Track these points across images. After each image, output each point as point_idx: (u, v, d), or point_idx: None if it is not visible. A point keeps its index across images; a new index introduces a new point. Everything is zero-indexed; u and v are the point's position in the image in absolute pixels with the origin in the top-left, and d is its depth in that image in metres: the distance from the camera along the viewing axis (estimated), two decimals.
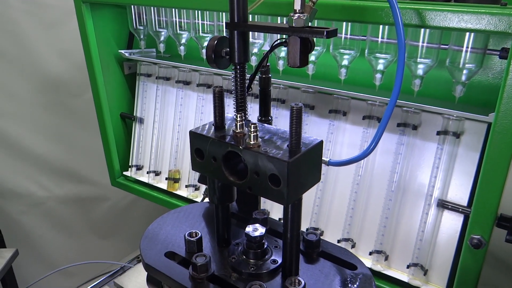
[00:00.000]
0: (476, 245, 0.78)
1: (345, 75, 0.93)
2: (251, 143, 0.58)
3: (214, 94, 0.64)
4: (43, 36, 1.70)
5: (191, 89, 1.22)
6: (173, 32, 1.16)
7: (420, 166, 0.90)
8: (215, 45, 0.68)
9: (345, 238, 0.99)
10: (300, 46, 0.62)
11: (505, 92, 0.68)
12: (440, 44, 0.81)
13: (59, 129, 1.88)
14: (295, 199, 0.60)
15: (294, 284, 0.63)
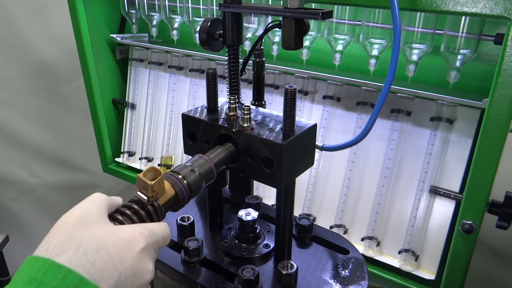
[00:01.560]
0: (468, 230, 0.78)
1: (339, 60, 0.92)
2: (244, 125, 0.58)
3: (207, 76, 0.63)
4: (33, 21, 1.67)
5: (184, 75, 1.21)
6: (165, 16, 1.14)
7: (413, 152, 0.90)
8: (208, 27, 0.67)
9: (338, 224, 0.99)
10: (294, 27, 0.61)
11: (499, 77, 0.67)
12: (435, 29, 0.81)
13: (50, 115, 1.85)
14: (288, 182, 0.59)
15: (286, 268, 0.63)
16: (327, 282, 0.65)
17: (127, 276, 0.42)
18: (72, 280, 0.37)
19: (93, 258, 0.41)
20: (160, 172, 0.49)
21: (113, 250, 0.42)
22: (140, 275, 0.44)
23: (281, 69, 1.01)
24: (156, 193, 0.48)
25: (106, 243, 0.42)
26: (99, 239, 0.42)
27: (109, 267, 0.41)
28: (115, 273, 0.41)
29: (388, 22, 0.84)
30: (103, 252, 0.42)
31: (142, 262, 0.44)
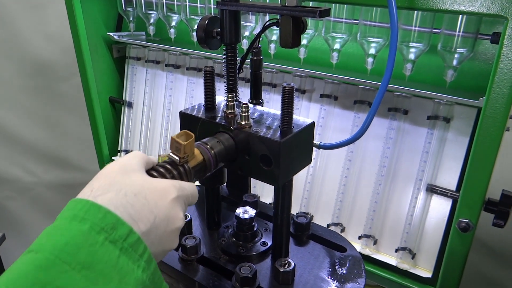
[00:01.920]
0: (464, 228, 0.78)
1: (337, 59, 0.92)
2: (242, 123, 0.58)
3: (205, 74, 0.63)
4: (29, 18, 1.66)
5: (181, 73, 1.21)
6: (163, 14, 1.14)
7: (410, 150, 0.90)
8: (206, 25, 0.67)
9: (335, 222, 0.99)
10: (292, 26, 0.61)
11: (496, 76, 0.68)
12: (432, 28, 0.81)
13: (47, 114, 1.85)
14: (286, 180, 0.59)
15: (284, 266, 0.63)
16: (325, 279, 0.65)
17: (161, 220, 0.46)
18: (110, 220, 0.41)
19: (132, 200, 0.44)
20: (192, 135, 0.52)
21: (149, 195, 0.46)
22: (172, 221, 0.47)
23: (278, 67, 1.01)
24: (187, 155, 0.52)
25: (144, 188, 0.46)
26: (138, 185, 0.46)
27: (146, 209, 0.45)
28: (151, 215, 0.45)
29: (386, 21, 0.84)
30: (141, 196, 0.45)
31: (174, 210, 0.48)
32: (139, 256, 0.41)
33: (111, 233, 0.40)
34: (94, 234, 0.39)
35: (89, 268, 0.38)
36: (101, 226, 0.40)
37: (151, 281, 0.43)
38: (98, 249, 0.39)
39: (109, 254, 0.39)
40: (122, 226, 0.41)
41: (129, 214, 0.43)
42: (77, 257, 0.38)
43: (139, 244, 0.42)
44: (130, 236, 0.41)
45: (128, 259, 0.40)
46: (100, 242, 0.39)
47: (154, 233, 0.45)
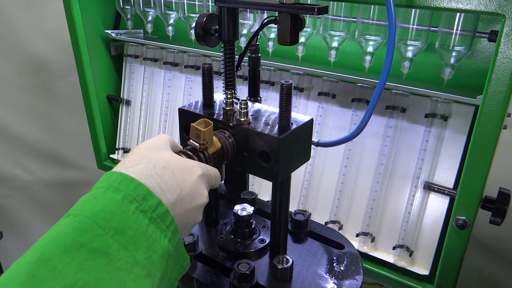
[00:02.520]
0: (461, 226, 0.79)
1: (335, 57, 0.93)
2: (241, 120, 0.58)
3: (203, 71, 0.63)
4: (26, 16, 1.65)
5: (179, 71, 1.21)
6: (161, 12, 1.14)
7: (408, 148, 0.91)
8: (204, 22, 0.67)
9: (333, 220, 1.00)
10: (290, 23, 0.61)
11: (493, 74, 0.68)
12: (430, 26, 0.81)
13: (44, 112, 1.84)
14: (284, 176, 0.60)
15: (282, 262, 0.63)
16: (323, 276, 0.65)
17: (186, 194, 0.48)
18: (141, 191, 0.43)
19: (161, 172, 0.47)
20: (210, 122, 0.55)
21: (177, 170, 0.49)
22: (197, 196, 0.50)
23: (276, 65, 1.01)
24: (206, 142, 0.55)
25: (172, 163, 0.49)
26: (166, 159, 0.49)
27: (173, 182, 0.48)
28: (177, 188, 0.47)
29: (384, 19, 0.84)
30: (169, 169, 0.48)
31: (199, 186, 0.50)
32: (167, 226, 0.44)
33: (142, 203, 0.43)
34: (127, 203, 0.42)
35: (121, 233, 0.40)
36: (133, 196, 0.43)
37: (176, 251, 0.45)
38: (129, 217, 0.42)
39: (140, 222, 0.42)
40: (152, 197, 0.44)
41: (158, 185, 0.46)
42: (110, 222, 0.41)
43: (167, 215, 0.44)
44: (159, 208, 0.44)
45: (156, 228, 0.43)
46: (131, 211, 0.42)
47: (180, 205, 0.47)
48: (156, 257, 0.42)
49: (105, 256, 0.39)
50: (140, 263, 0.40)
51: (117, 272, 0.39)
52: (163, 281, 0.43)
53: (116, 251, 0.39)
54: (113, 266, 0.39)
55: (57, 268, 0.37)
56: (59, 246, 0.38)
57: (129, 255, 0.40)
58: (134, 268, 0.40)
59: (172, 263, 0.45)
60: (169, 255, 0.44)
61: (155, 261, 0.41)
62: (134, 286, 0.39)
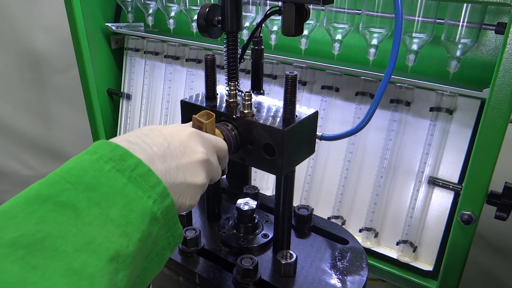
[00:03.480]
0: (467, 221, 0.78)
1: (338, 50, 0.91)
2: (245, 112, 0.57)
3: (206, 62, 0.62)
4: (26, 10, 1.64)
5: (180, 64, 1.19)
6: (162, 5, 1.13)
7: (412, 142, 0.90)
8: (206, 13, 0.66)
9: (335, 215, 0.99)
10: (295, 13, 0.59)
11: (501, 66, 0.67)
12: (436, 18, 0.80)
13: (44, 107, 1.83)
14: (289, 169, 0.58)
15: (285, 258, 0.62)
16: (326, 272, 0.64)
17: (175, 147, 0.46)
18: (118, 151, 0.41)
19: (146, 132, 0.47)
20: (212, 114, 0.54)
21: (164, 129, 0.48)
22: (190, 151, 0.47)
23: (279, 58, 1.00)
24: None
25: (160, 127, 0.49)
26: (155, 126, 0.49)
27: (160, 138, 0.46)
28: (164, 142, 0.46)
29: (388, 11, 0.83)
30: (156, 130, 0.48)
31: (191, 141, 0.48)
32: (150, 187, 0.41)
33: (119, 162, 0.40)
34: (102, 163, 0.40)
35: (93, 190, 0.38)
36: (109, 157, 0.41)
37: (164, 216, 0.42)
38: (104, 175, 0.39)
39: (115, 180, 0.39)
40: (130, 157, 0.41)
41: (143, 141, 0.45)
42: (81, 178, 0.38)
43: (150, 175, 0.41)
44: (139, 167, 0.41)
45: (136, 188, 0.40)
46: (106, 169, 0.40)
47: (170, 158, 0.45)
48: (134, 216, 0.39)
49: (73, 210, 0.36)
50: (114, 221, 0.37)
51: (85, 226, 0.36)
52: (145, 244, 0.40)
53: (85, 206, 0.37)
54: (81, 220, 0.36)
55: (18, 217, 0.35)
56: (23, 198, 0.37)
57: (101, 211, 0.37)
58: (107, 225, 0.37)
59: (158, 228, 0.41)
60: (154, 217, 0.41)
61: (132, 220, 0.38)
62: (105, 242, 0.36)
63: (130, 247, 0.37)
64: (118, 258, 0.36)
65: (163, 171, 0.44)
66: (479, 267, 1.27)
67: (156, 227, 0.41)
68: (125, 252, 0.37)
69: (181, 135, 0.48)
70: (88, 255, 0.35)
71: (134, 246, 0.38)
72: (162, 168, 0.44)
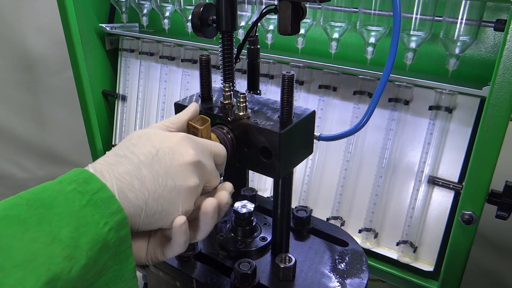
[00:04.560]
0: (468, 221, 0.77)
1: (335, 48, 0.90)
2: (240, 114, 0.55)
3: (201, 63, 0.61)
4: (19, 11, 1.62)
5: (175, 65, 1.18)
6: (156, 5, 1.11)
7: (411, 142, 0.88)
8: (201, 12, 0.64)
9: (334, 216, 0.97)
10: (291, 11, 0.58)
11: (501, 63, 0.66)
12: (434, 15, 0.79)
13: (39, 109, 1.82)
14: (287, 172, 0.57)
15: (284, 261, 0.61)
16: (326, 275, 0.63)
17: (165, 154, 0.45)
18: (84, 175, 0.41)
19: (135, 141, 0.46)
20: (208, 119, 0.53)
21: (154, 136, 0.47)
22: (179, 154, 0.46)
23: (276, 58, 0.99)
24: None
25: (151, 133, 0.48)
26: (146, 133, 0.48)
27: (148, 146, 0.45)
28: (153, 149, 0.45)
29: (386, 9, 0.82)
30: (145, 137, 0.47)
31: (181, 145, 0.47)
32: (110, 214, 0.39)
33: (81, 184, 0.40)
34: (64, 184, 0.40)
35: (47, 207, 0.37)
36: (74, 179, 0.40)
37: (117, 247, 0.40)
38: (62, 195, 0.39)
39: (74, 201, 0.38)
40: (95, 181, 0.40)
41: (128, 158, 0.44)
42: (38, 196, 0.38)
43: (113, 202, 0.40)
44: (102, 191, 0.40)
45: (94, 211, 0.39)
46: (67, 190, 0.39)
47: (158, 165, 0.44)
48: (85, 242, 0.37)
49: (22, 225, 0.36)
50: (62, 242, 0.36)
51: (30, 243, 0.35)
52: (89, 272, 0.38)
53: (35, 222, 0.36)
54: (28, 236, 0.35)
55: None
56: None
57: (50, 230, 0.36)
58: (53, 245, 0.36)
59: (107, 258, 0.39)
60: (105, 245, 0.39)
61: (82, 245, 0.37)
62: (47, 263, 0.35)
63: (72, 273, 0.36)
64: (57, 282, 0.35)
65: (151, 179, 0.43)
66: (480, 266, 1.26)
67: (106, 256, 0.39)
68: (66, 277, 0.36)
69: (171, 140, 0.47)
70: (25, 273, 0.34)
71: (77, 272, 0.36)
72: (150, 176, 0.43)
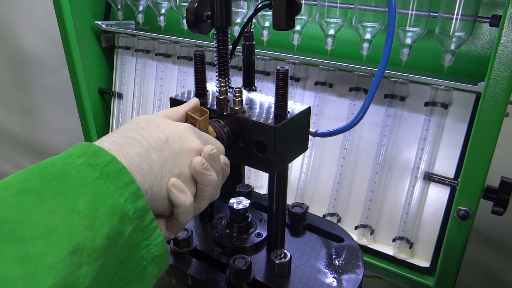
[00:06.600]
0: (463, 216, 0.77)
1: (331, 45, 0.90)
2: (236, 108, 0.55)
3: (195, 58, 0.60)
4: (15, 10, 1.61)
5: (171, 62, 1.18)
6: (152, 1, 1.11)
7: (407, 138, 0.89)
8: (195, 8, 0.64)
9: (331, 213, 0.97)
10: (286, 7, 0.58)
11: (496, 59, 0.66)
12: (429, 11, 0.79)
13: (35, 107, 1.81)
14: (281, 167, 0.57)
15: (279, 257, 0.61)
16: (321, 270, 0.63)
17: (174, 141, 0.46)
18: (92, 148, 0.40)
19: (143, 125, 0.47)
20: (206, 111, 0.53)
21: (162, 123, 0.48)
22: (188, 142, 0.47)
23: (271, 54, 0.99)
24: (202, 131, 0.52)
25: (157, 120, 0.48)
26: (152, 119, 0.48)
27: (158, 132, 0.46)
28: (163, 135, 0.46)
29: (382, 5, 0.81)
30: (153, 123, 0.47)
31: (188, 134, 0.48)
32: (123, 184, 0.39)
33: (91, 157, 0.39)
34: (74, 158, 0.39)
35: (60, 180, 0.37)
36: (82, 153, 0.39)
37: (139, 218, 0.40)
38: (73, 168, 0.38)
39: (86, 173, 0.38)
40: (104, 154, 0.40)
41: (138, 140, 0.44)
42: (49, 169, 0.37)
43: (124, 173, 0.40)
44: (112, 163, 0.39)
45: (108, 183, 0.38)
46: (78, 163, 0.38)
47: (168, 151, 0.45)
48: (103, 211, 0.37)
49: (37, 197, 0.35)
50: (81, 212, 0.36)
51: (48, 215, 0.34)
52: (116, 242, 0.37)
53: (51, 195, 0.35)
54: (44, 208, 0.34)
55: None
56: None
57: (67, 202, 0.36)
58: (72, 216, 0.35)
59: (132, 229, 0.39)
60: (125, 215, 0.38)
61: (101, 214, 0.36)
62: (69, 233, 0.34)
63: (96, 241, 0.36)
64: (82, 251, 0.34)
65: (159, 164, 0.44)
66: (476, 262, 1.27)
67: (129, 227, 0.39)
68: (90, 245, 0.35)
69: (178, 128, 0.48)
70: (48, 244, 0.33)
71: (101, 241, 0.36)
72: (159, 161, 0.44)
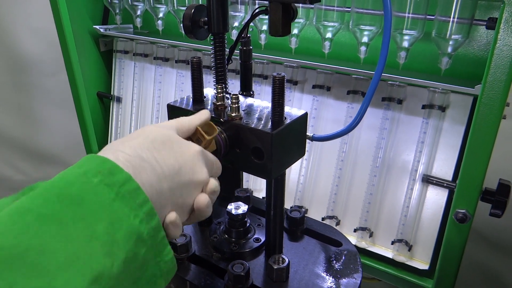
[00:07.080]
0: (461, 219, 0.77)
1: (329, 48, 0.90)
2: (233, 115, 0.55)
3: (192, 65, 0.60)
4: (13, 13, 1.62)
5: (170, 66, 1.18)
6: (150, 6, 1.11)
7: (405, 141, 0.89)
8: (192, 14, 0.64)
9: (330, 215, 0.98)
10: (281, 13, 0.58)
11: (492, 62, 0.66)
12: (426, 14, 0.79)
13: (34, 111, 1.81)
14: (279, 173, 0.57)
15: (278, 262, 0.61)
16: (320, 275, 0.63)
17: (186, 172, 0.46)
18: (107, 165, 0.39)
19: (159, 146, 0.45)
20: (216, 130, 0.54)
21: (177, 147, 0.47)
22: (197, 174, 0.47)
23: (269, 58, 0.99)
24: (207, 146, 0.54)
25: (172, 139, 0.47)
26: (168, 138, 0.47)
27: (172, 159, 0.45)
28: (176, 163, 0.45)
29: (378, 8, 0.82)
30: (168, 145, 0.46)
31: (199, 162, 0.48)
32: (138, 205, 0.39)
33: (107, 176, 0.38)
34: (90, 176, 0.38)
35: (79, 204, 0.36)
36: (98, 170, 0.38)
37: (151, 237, 0.39)
38: (91, 188, 0.37)
39: (103, 195, 0.37)
40: (119, 172, 0.39)
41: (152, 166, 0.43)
42: (66, 191, 0.36)
43: (139, 193, 0.39)
44: (128, 183, 0.39)
45: (124, 205, 0.38)
46: (94, 183, 0.37)
47: (178, 180, 0.45)
48: (120, 236, 0.36)
49: (57, 223, 0.34)
50: (99, 238, 0.35)
51: (70, 242, 0.33)
52: (130, 266, 0.37)
53: (70, 220, 0.34)
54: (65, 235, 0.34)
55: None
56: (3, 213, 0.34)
57: (87, 227, 0.35)
58: (92, 242, 0.34)
59: (145, 250, 0.39)
60: (140, 238, 0.38)
61: (118, 239, 0.36)
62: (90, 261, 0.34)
63: (114, 268, 0.35)
64: (102, 279, 0.34)
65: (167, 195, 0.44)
66: (475, 263, 1.27)
67: (143, 249, 0.38)
68: (109, 273, 0.35)
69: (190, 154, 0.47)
70: (71, 274, 0.33)
71: (119, 267, 0.36)
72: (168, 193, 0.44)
